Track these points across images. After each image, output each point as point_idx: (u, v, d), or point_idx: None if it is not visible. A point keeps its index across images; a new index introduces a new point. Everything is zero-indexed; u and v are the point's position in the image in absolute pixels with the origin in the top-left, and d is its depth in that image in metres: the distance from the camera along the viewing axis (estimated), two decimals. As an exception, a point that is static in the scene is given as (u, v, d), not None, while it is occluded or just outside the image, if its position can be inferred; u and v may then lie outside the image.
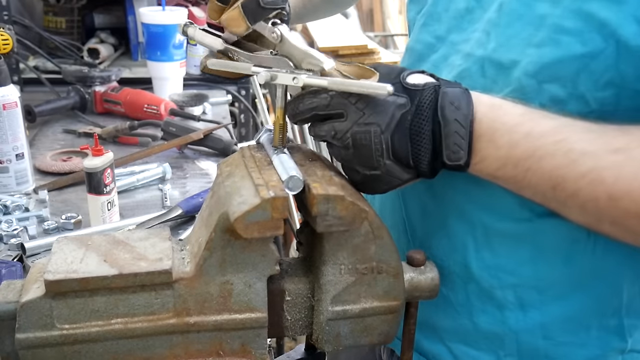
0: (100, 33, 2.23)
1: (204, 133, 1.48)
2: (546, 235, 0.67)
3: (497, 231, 0.69)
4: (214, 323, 0.60)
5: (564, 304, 0.70)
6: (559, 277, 0.69)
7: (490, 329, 0.73)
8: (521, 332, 0.72)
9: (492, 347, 0.74)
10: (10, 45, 1.58)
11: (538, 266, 0.69)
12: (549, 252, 0.68)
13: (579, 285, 0.69)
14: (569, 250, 0.67)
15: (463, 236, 0.71)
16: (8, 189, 1.25)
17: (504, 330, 0.72)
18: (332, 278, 0.62)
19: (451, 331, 0.76)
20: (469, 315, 0.74)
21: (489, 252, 0.70)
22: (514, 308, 0.71)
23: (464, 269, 0.72)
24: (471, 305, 0.73)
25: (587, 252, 0.67)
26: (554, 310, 0.70)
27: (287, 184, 0.57)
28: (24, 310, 0.56)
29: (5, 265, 0.93)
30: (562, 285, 0.69)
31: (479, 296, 0.72)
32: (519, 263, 0.69)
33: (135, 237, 0.62)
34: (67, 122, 1.69)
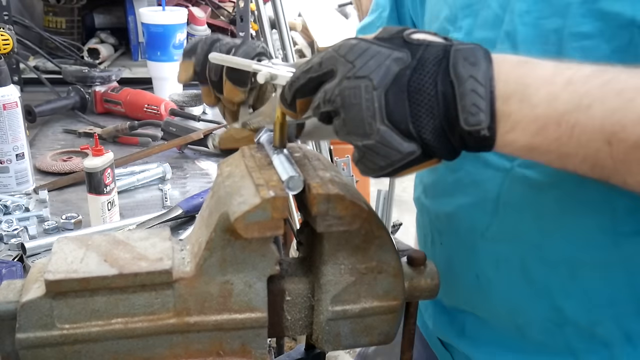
0: (101, 33, 2.24)
1: (204, 133, 1.48)
2: (638, 254, 0.62)
3: (583, 263, 0.64)
4: (214, 323, 0.60)
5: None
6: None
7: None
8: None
9: None
10: (11, 45, 1.58)
11: (636, 290, 0.63)
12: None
13: None
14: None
15: (545, 279, 0.66)
16: (8, 189, 1.25)
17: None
18: (332, 278, 0.62)
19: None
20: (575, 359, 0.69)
21: (579, 288, 0.65)
22: (622, 343, 0.66)
23: (556, 314, 0.67)
24: (574, 349, 0.68)
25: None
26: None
27: (287, 184, 0.57)
28: (24, 310, 0.56)
29: (6, 265, 0.93)
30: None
31: (580, 338, 0.67)
32: (614, 291, 0.64)
33: (136, 237, 0.62)
34: (67, 122, 1.70)
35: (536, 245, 0.67)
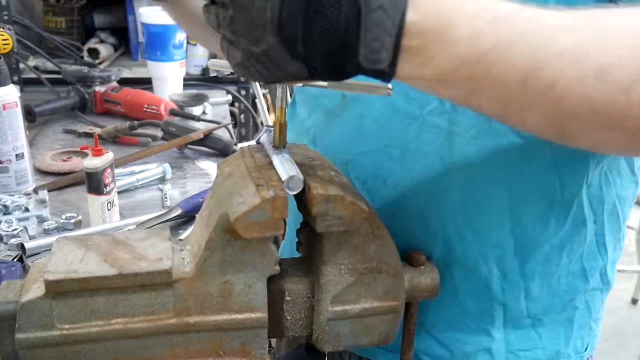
0: (100, 33, 2.24)
1: (204, 133, 1.48)
2: (525, 200, 0.67)
3: (478, 207, 0.68)
4: (214, 323, 0.60)
5: (542, 263, 0.71)
6: (537, 240, 0.70)
7: (478, 307, 0.73)
8: (507, 301, 0.72)
9: (481, 325, 0.74)
10: (10, 45, 1.58)
11: (517, 234, 0.69)
12: (529, 219, 0.68)
13: (555, 243, 0.71)
14: (547, 211, 0.68)
15: (441, 223, 0.69)
16: (8, 189, 1.25)
17: (492, 304, 0.73)
18: (332, 278, 0.62)
19: (437, 321, 0.75)
20: (456, 299, 0.73)
21: (472, 231, 0.69)
22: (500, 281, 0.71)
23: (447, 255, 0.71)
24: (458, 289, 0.73)
25: (562, 207, 0.69)
26: (533, 271, 0.72)
27: (287, 184, 0.57)
28: (23, 310, 0.56)
29: (5, 265, 0.93)
30: (540, 246, 0.70)
31: (464, 278, 0.72)
32: (501, 234, 0.69)
33: (135, 237, 0.62)
34: (67, 122, 1.70)
35: (437, 192, 0.68)
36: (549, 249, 0.71)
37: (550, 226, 0.70)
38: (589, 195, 0.71)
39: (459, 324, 0.74)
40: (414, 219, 0.71)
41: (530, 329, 0.75)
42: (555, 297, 0.74)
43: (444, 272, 0.71)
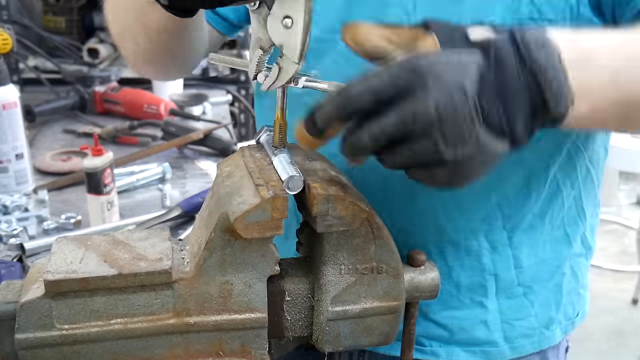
0: (100, 33, 2.23)
1: (204, 133, 1.48)
2: (508, 174, 0.71)
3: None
4: (214, 323, 0.60)
5: (527, 232, 0.76)
6: (521, 211, 0.74)
7: (471, 282, 0.76)
8: (498, 272, 0.76)
9: (475, 298, 0.77)
10: (10, 45, 1.58)
11: (503, 207, 0.73)
12: (511, 191, 0.72)
13: (537, 211, 0.75)
14: (526, 182, 0.73)
15: (430, 205, 0.72)
16: (8, 189, 1.25)
17: (484, 276, 0.76)
18: (332, 278, 0.62)
19: (433, 304, 0.77)
20: (450, 279, 0.76)
21: (460, 210, 0.72)
22: (489, 253, 0.75)
23: (438, 236, 0.74)
24: (449, 268, 0.76)
25: (539, 177, 0.73)
26: (520, 240, 0.76)
27: (287, 184, 0.57)
28: (23, 311, 0.56)
29: (5, 266, 0.93)
30: (524, 216, 0.75)
31: (456, 255, 0.75)
32: (488, 209, 0.73)
33: (135, 237, 0.62)
34: (67, 122, 1.70)
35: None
36: (532, 217, 0.75)
37: (532, 196, 0.74)
38: (562, 163, 0.75)
39: (454, 302, 0.77)
40: (403, 204, 0.73)
41: (522, 298, 0.79)
42: (542, 264, 0.78)
43: (438, 254, 0.74)
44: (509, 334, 0.79)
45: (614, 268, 3.22)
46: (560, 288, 0.81)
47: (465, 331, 0.78)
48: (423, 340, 0.79)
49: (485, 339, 0.79)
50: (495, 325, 0.79)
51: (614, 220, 3.65)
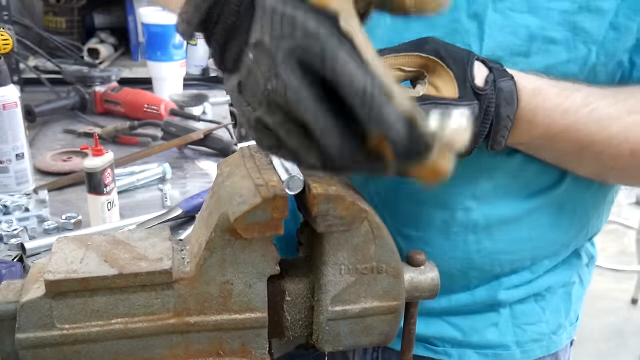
0: (100, 33, 2.23)
1: (204, 133, 1.48)
2: (540, 209, 0.74)
3: (500, 220, 0.73)
4: (214, 323, 0.60)
5: (549, 257, 0.79)
6: (550, 243, 0.77)
7: (488, 294, 0.78)
8: (516, 286, 0.79)
9: (489, 304, 0.79)
10: (10, 45, 1.58)
11: (533, 240, 0.76)
12: (541, 223, 0.75)
13: (564, 240, 0.78)
14: (557, 215, 0.76)
15: (464, 235, 0.74)
16: (8, 189, 1.25)
17: (500, 291, 0.78)
18: (332, 278, 0.62)
19: (449, 309, 0.79)
20: (467, 291, 0.78)
21: (490, 242, 0.74)
22: (508, 274, 0.79)
23: (465, 263, 0.75)
24: (470, 284, 0.78)
25: (569, 211, 0.76)
26: (542, 265, 0.79)
27: (287, 184, 0.57)
28: (24, 310, 0.56)
29: (5, 265, 0.93)
30: (550, 245, 0.78)
31: (479, 278, 0.77)
32: (517, 243, 0.75)
33: (136, 237, 0.62)
34: (67, 122, 1.70)
35: (461, 208, 0.73)
36: (559, 247, 0.79)
37: (561, 229, 0.77)
38: (595, 196, 0.77)
39: (469, 308, 0.79)
40: (438, 233, 0.74)
41: (534, 304, 0.81)
42: (555, 275, 0.81)
43: (461, 276, 0.76)
44: (520, 338, 0.81)
45: (614, 268, 3.22)
46: (570, 296, 0.84)
47: (478, 334, 0.80)
48: (436, 341, 0.80)
49: (498, 342, 0.80)
50: (507, 328, 0.80)
51: (614, 220, 3.65)
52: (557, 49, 0.66)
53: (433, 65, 0.58)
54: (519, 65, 0.66)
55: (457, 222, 0.73)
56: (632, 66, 0.67)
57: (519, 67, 0.66)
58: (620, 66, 0.67)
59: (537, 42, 0.65)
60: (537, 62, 0.66)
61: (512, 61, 0.66)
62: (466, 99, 0.59)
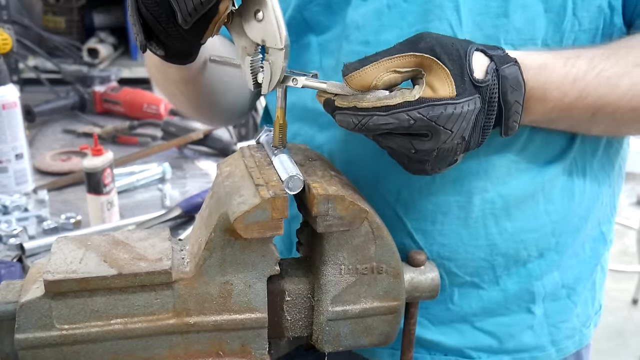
0: (100, 33, 2.23)
1: (204, 133, 1.48)
2: (552, 181, 0.73)
3: (515, 199, 0.72)
4: (214, 323, 0.60)
5: (572, 234, 0.76)
6: (567, 215, 0.75)
7: (519, 289, 0.76)
8: (544, 277, 0.76)
9: (522, 304, 0.77)
10: (10, 45, 1.58)
11: (551, 214, 0.74)
12: (556, 194, 0.74)
13: (582, 213, 0.76)
14: (569, 183, 0.74)
15: (483, 219, 0.72)
16: (7, 189, 1.25)
17: (531, 282, 0.76)
18: (332, 278, 0.62)
19: (480, 311, 0.77)
20: (497, 286, 0.76)
21: (510, 222, 0.73)
22: (536, 259, 0.75)
23: (489, 250, 0.73)
24: (498, 276, 0.75)
25: (580, 177, 0.75)
26: (566, 244, 0.76)
27: (287, 184, 0.57)
28: (23, 311, 0.56)
29: (5, 266, 0.93)
30: (570, 220, 0.75)
31: (505, 266, 0.75)
32: (536, 219, 0.74)
33: (135, 237, 0.62)
34: (67, 122, 1.70)
35: (477, 191, 0.71)
36: (577, 220, 0.76)
37: (575, 198, 0.75)
38: (601, 161, 0.77)
39: (501, 309, 0.77)
40: (457, 222, 0.72)
41: (566, 300, 0.79)
42: (583, 264, 0.79)
43: (487, 267, 0.74)
44: (555, 337, 0.79)
45: (614, 268, 3.22)
46: (595, 285, 0.82)
47: (514, 338, 0.78)
48: (471, 352, 0.78)
49: (534, 344, 0.79)
50: (542, 329, 0.78)
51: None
52: (533, 1, 0.66)
53: (429, 63, 0.57)
54: (502, 27, 0.66)
55: (475, 206, 0.72)
56: (612, 11, 0.68)
57: (503, 29, 0.66)
58: (600, 12, 0.68)
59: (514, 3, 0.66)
60: (517, 20, 0.66)
61: (493, 24, 0.66)
62: (465, 94, 0.58)
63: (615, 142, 0.78)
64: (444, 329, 0.76)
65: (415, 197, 0.72)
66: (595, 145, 0.76)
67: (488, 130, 0.63)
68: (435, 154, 0.60)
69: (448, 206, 0.72)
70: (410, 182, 0.71)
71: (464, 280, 0.74)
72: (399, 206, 0.72)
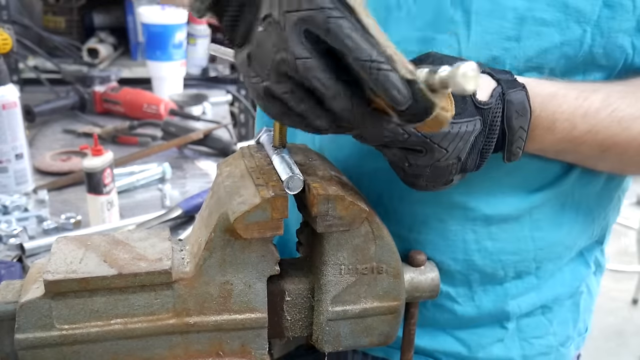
0: (100, 33, 2.23)
1: (204, 133, 1.48)
2: (541, 207, 0.72)
3: (498, 219, 0.71)
4: (214, 323, 0.60)
5: (554, 260, 0.76)
6: (551, 242, 0.74)
7: (494, 306, 0.75)
8: (521, 297, 0.76)
9: (495, 319, 0.76)
10: (10, 45, 1.58)
11: (536, 240, 0.73)
12: (544, 221, 0.73)
13: (567, 242, 0.75)
14: (560, 213, 0.73)
15: (463, 234, 0.72)
16: (7, 189, 1.25)
17: (507, 302, 0.75)
18: (332, 278, 0.62)
19: (455, 322, 0.76)
20: (472, 302, 0.75)
21: (491, 241, 0.72)
22: (513, 279, 0.75)
23: (465, 265, 0.73)
24: (473, 293, 0.75)
25: (572, 209, 0.74)
26: (546, 270, 0.76)
27: (287, 184, 0.57)
28: (23, 311, 0.56)
29: (5, 266, 0.93)
30: (554, 247, 0.74)
31: (481, 282, 0.74)
32: (519, 242, 0.73)
33: (135, 237, 0.62)
34: (67, 122, 1.70)
35: (458, 206, 0.71)
36: (563, 249, 0.75)
37: (564, 228, 0.74)
38: (600, 195, 0.75)
39: (475, 322, 0.76)
40: (435, 233, 0.72)
41: (541, 317, 0.78)
42: (563, 287, 0.78)
43: (463, 280, 0.73)
44: (527, 352, 0.79)
45: (614, 268, 3.22)
46: (578, 307, 0.81)
47: (484, 349, 0.77)
48: (441, 355, 0.78)
49: (504, 356, 0.78)
50: (513, 342, 0.78)
51: (614, 220, 3.64)
52: (549, 31, 0.63)
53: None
54: (511, 52, 0.64)
55: (455, 221, 0.71)
56: (634, 51, 0.66)
57: (512, 53, 0.64)
58: (622, 52, 0.65)
59: (528, 24, 0.63)
60: (529, 46, 0.64)
61: (503, 46, 0.64)
62: (465, 115, 0.57)
63: (618, 176, 0.77)
64: (417, 330, 0.75)
65: (395, 203, 0.72)
66: (595, 180, 0.74)
67: (487, 153, 0.62)
68: (429, 171, 0.60)
69: (426, 216, 0.71)
70: (391, 188, 0.71)
71: (439, 291, 0.72)
72: (378, 210, 0.71)
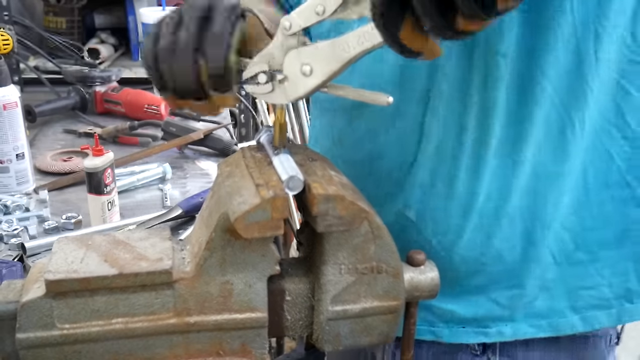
0: (101, 33, 2.24)
1: (204, 133, 1.48)
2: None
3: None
4: (214, 323, 0.60)
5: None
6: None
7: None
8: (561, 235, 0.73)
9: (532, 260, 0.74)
10: (11, 45, 1.58)
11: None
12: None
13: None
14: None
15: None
16: (8, 189, 1.25)
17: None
18: (332, 278, 0.62)
19: (497, 279, 0.74)
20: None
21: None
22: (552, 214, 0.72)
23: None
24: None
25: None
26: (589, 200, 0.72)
27: (287, 184, 0.57)
28: (24, 310, 0.56)
29: (6, 265, 0.93)
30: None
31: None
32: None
33: (136, 237, 0.62)
34: (68, 122, 1.70)
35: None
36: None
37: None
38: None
39: (515, 278, 0.74)
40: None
41: (588, 266, 0.74)
42: (607, 228, 0.73)
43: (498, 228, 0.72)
44: (576, 304, 0.74)
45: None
46: (637, 255, 0.75)
47: (528, 303, 0.74)
48: (488, 322, 0.75)
49: (549, 308, 0.74)
50: (558, 293, 0.74)
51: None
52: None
53: None
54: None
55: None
56: None
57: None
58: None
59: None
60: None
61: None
62: None
63: None
64: (458, 300, 0.74)
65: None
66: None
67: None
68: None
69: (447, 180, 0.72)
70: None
71: None
72: (393, 183, 0.72)
